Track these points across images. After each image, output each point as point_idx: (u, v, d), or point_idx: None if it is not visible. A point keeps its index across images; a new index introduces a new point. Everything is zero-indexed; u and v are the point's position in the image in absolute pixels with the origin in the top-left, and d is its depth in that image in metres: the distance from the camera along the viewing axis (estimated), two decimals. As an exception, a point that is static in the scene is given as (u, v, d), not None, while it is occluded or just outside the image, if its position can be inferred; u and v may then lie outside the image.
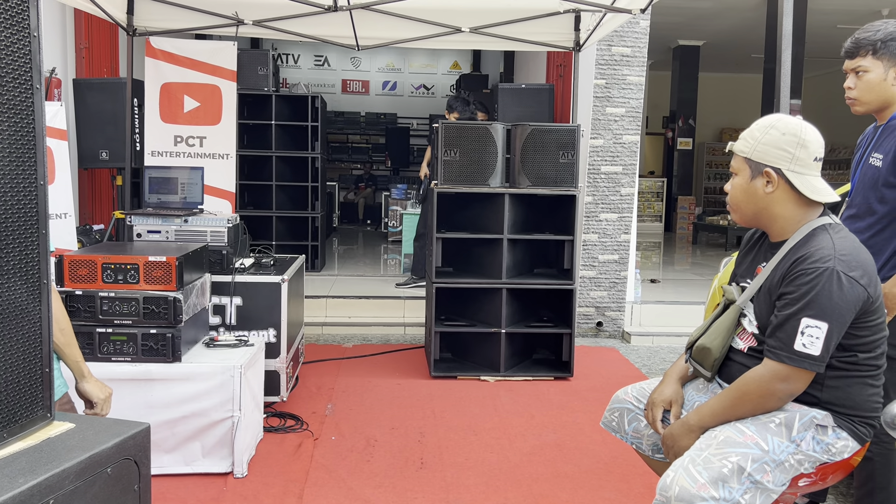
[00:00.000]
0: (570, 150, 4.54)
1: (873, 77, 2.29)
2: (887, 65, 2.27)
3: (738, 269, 2.09)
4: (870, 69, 2.30)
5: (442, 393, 4.37)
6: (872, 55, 2.28)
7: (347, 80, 16.18)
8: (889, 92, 2.30)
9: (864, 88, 2.32)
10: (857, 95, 2.35)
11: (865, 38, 2.30)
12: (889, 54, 2.26)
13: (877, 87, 2.30)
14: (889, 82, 2.28)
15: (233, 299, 3.75)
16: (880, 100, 2.32)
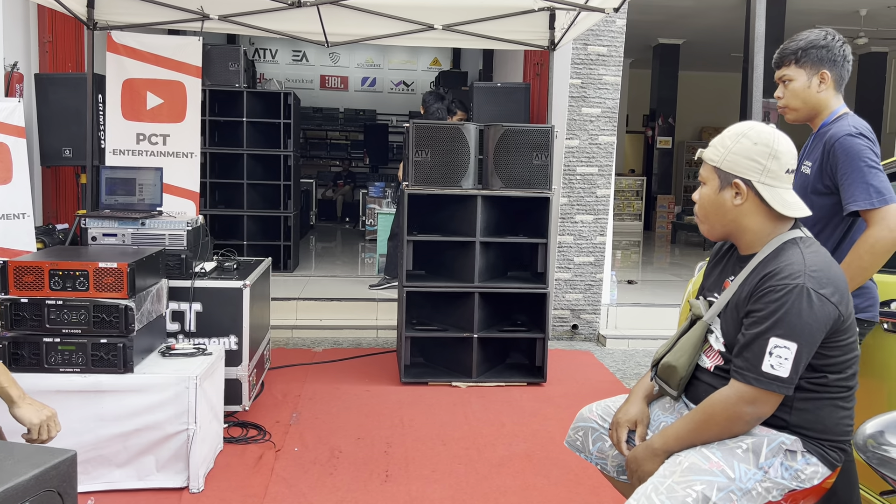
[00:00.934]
0: (543, 151, 4.44)
1: (798, 85, 2.34)
2: (810, 73, 2.32)
3: (706, 282, 2.00)
4: (794, 78, 2.35)
5: (412, 400, 4.26)
6: (795, 64, 2.33)
7: (326, 75, 16.00)
8: (815, 99, 2.34)
9: (791, 96, 2.37)
10: (785, 104, 2.40)
11: (789, 47, 2.36)
12: (811, 62, 2.31)
13: (802, 95, 2.34)
14: (813, 90, 2.33)
15: (192, 305, 3.61)
16: (807, 107, 2.36)
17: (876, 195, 2.11)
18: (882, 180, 2.14)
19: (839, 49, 2.31)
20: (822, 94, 2.32)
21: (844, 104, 2.38)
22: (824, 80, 2.32)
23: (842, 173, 2.20)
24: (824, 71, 2.31)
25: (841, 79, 2.36)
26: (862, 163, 2.16)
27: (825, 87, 2.32)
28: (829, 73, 2.31)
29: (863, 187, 2.13)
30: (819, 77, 2.31)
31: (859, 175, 2.15)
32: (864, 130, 2.23)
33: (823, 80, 2.32)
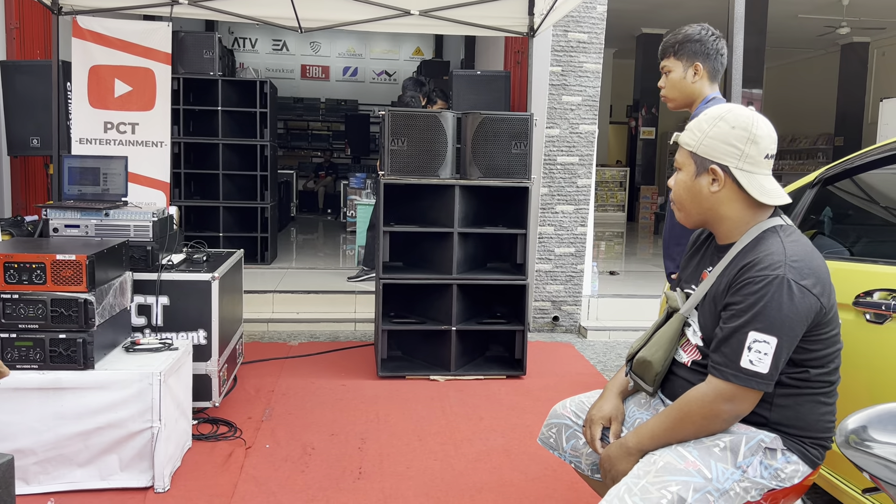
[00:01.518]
0: (522, 140, 4.35)
1: (675, 76, 2.53)
2: (686, 64, 2.50)
3: (683, 274, 1.92)
4: (672, 69, 2.54)
5: (388, 394, 4.17)
6: (673, 56, 2.52)
7: (307, 65, 15.81)
8: (689, 89, 2.52)
9: (670, 86, 2.56)
10: (665, 93, 2.60)
11: (669, 40, 2.55)
12: (686, 55, 2.49)
13: (679, 85, 2.53)
14: (688, 80, 2.51)
15: (159, 299, 3.50)
16: (683, 96, 2.55)
17: None
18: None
19: (713, 43, 2.48)
20: (696, 84, 2.51)
21: (718, 93, 2.55)
22: (698, 72, 2.50)
23: None
24: (698, 63, 2.49)
25: (714, 71, 2.53)
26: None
27: (699, 78, 2.50)
28: (702, 66, 2.49)
29: None
30: (693, 69, 2.49)
31: None
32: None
33: (697, 71, 2.50)
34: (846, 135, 15.90)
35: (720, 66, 2.53)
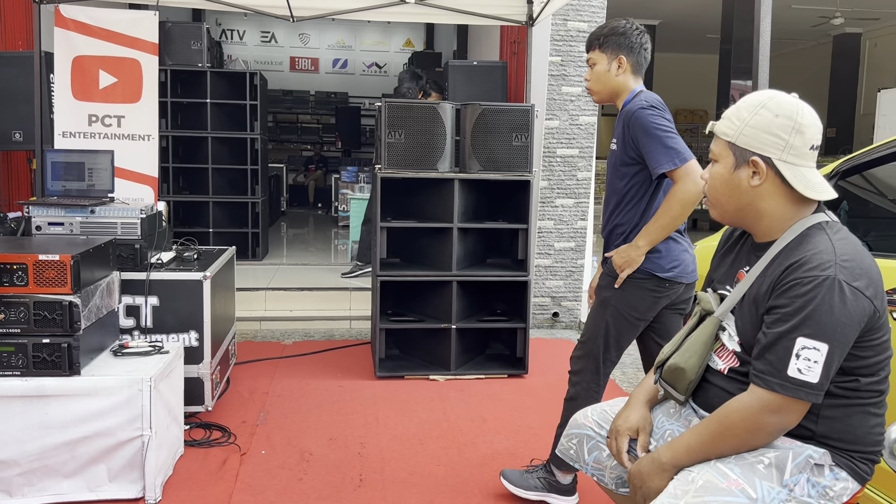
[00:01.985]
0: (523, 132, 4.22)
1: (600, 69, 2.57)
2: (610, 57, 2.54)
3: (715, 273, 1.79)
4: (597, 61, 2.58)
5: (387, 395, 4.03)
6: (598, 49, 2.56)
7: (296, 57, 15.58)
8: (613, 82, 2.55)
9: (595, 79, 2.60)
10: (590, 86, 2.63)
11: (594, 33, 2.59)
12: (610, 48, 2.53)
13: (602, 78, 2.57)
14: (612, 73, 2.54)
15: (148, 299, 3.34)
16: (608, 89, 2.58)
17: (676, 156, 2.34)
18: (678, 142, 2.36)
19: (637, 37, 2.52)
20: (619, 77, 2.54)
21: (642, 85, 2.57)
22: (622, 65, 2.53)
23: (643, 144, 2.41)
24: (622, 56, 2.52)
25: (638, 64, 2.56)
26: (657, 130, 2.37)
27: (623, 71, 2.53)
28: (626, 59, 2.52)
29: (664, 151, 2.35)
30: (618, 62, 2.53)
31: (658, 141, 2.36)
32: (653, 102, 2.43)
33: (621, 64, 2.53)
34: (838, 126, 15.87)
35: (644, 61, 2.57)
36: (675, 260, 2.50)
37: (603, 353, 2.61)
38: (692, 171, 2.34)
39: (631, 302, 2.52)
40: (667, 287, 2.51)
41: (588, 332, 2.65)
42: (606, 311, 2.58)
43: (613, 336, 2.58)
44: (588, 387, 2.65)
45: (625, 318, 2.55)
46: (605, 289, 2.60)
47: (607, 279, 2.60)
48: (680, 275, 2.51)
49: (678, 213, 2.37)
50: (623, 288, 2.52)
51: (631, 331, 2.60)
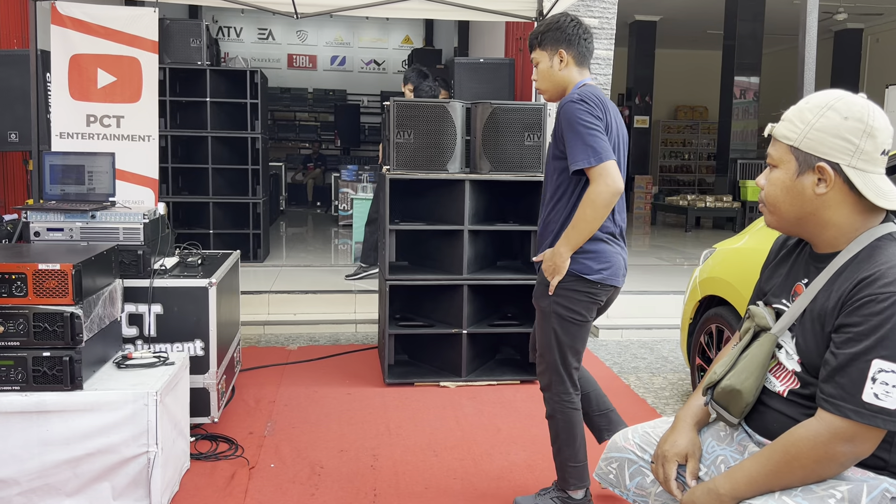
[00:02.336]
0: (536, 131, 4.10)
1: (543, 66, 2.55)
2: (550, 53, 2.52)
3: (768, 285, 1.67)
4: (540, 60, 2.56)
5: (398, 403, 3.92)
6: (539, 48, 2.55)
7: (293, 54, 15.44)
8: (558, 77, 2.53)
9: (541, 78, 2.58)
10: (539, 85, 2.60)
11: (531, 34, 2.58)
12: (549, 44, 2.51)
13: (547, 75, 2.55)
14: (556, 68, 2.52)
15: (151, 307, 3.22)
16: (555, 85, 2.56)
17: (593, 154, 2.31)
18: (599, 141, 2.32)
19: (573, 29, 2.49)
20: (563, 72, 2.51)
21: (588, 78, 2.55)
22: (563, 59, 2.50)
23: (567, 138, 2.39)
24: (561, 50, 2.49)
25: (581, 55, 2.53)
26: (580, 126, 2.33)
27: (565, 65, 2.51)
28: (566, 52, 2.50)
29: (582, 147, 2.32)
30: (558, 56, 2.50)
31: (579, 137, 2.33)
32: (586, 97, 2.38)
33: (562, 58, 2.50)
34: (840, 122, 15.76)
35: (586, 51, 2.54)
36: (605, 262, 2.49)
37: (562, 363, 2.57)
38: (607, 173, 2.32)
39: (569, 306, 2.51)
40: (599, 289, 2.50)
41: (542, 345, 2.61)
42: (551, 321, 2.55)
43: (567, 343, 2.55)
44: (561, 399, 2.60)
45: (571, 323, 2.53)
46: (541, 298, 2.58)
47: (542, 287, 2.57)
48: (610, 277, 2.51)
49: (591, 216, 2.36)
50: (558, 294, 2.50)
51: (581, 332, 2.57)
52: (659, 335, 5.39)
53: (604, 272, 2.48)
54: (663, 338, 5.39)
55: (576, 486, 2.65)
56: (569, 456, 2.61)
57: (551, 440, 2.66)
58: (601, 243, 2.48)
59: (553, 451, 2.67)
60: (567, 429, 2.60)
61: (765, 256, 1.73)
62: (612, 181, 2.31)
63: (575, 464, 2.62)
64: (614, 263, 2.51)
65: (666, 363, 4.79)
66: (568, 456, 2.62)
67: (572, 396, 2.61)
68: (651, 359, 4.87)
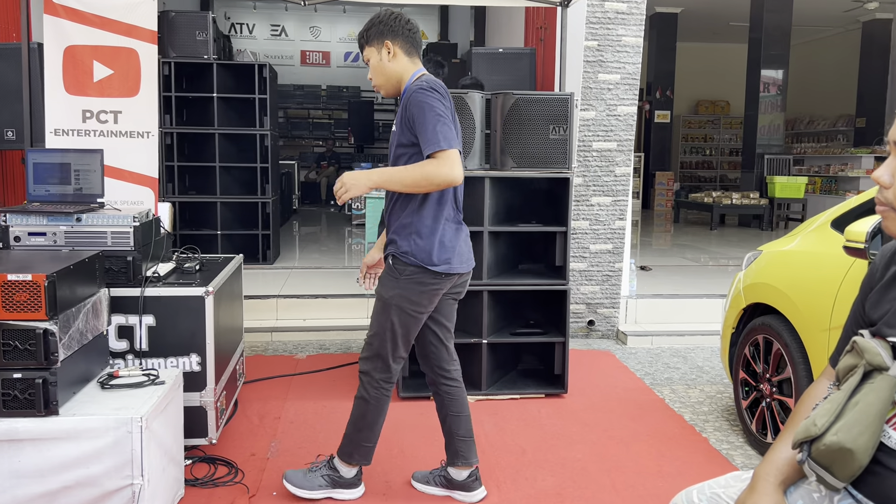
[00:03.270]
0: (562, 123, 3.78)
1: (374, 62, 2.59)
2: (378, 48, 2.56)
3: (876, 312, 1.34)
4: (370, 56, 2.60)
5: (412, 420, 3.61)
6: (367, 45, 2.58)
7: (307, 51, 15.18)
8: (390, 69, 2.57)
9: (374, 74, 2.60)
10: (374, 82, 2.63)
11: (359, 35, 2.62)
12: (375, 39, 2.55)
13: (379, 69, 2.58)
14: (386, 61, 2.56)
15: (142, 319, 2.93)
16: (387, 78, 2.59)
17: (443, 139, 2.37)
18: (447, 129, 2.39)
19: (394, 21, 2.54)
20: (393, 63, 2.55)
21: (423, 68, 2.60)
22: (391, 50, 2.54)
23: (417, 124, 2.43)
24: (387, 41, 2.53)
25: (409, 45, 2.57)
26: (432, 112, 2.39)
27: (393, 56, 2.55)
28: (391, 43, 2.53)
29: (432, 133, 2.38)
30: (385, 48, 2.54)
31: (430, 124, 2.38)
32: (434, 86, 2.46)
33: (389, 49, 2.54)
34: (868, 116, 15.29)
35: (413, 41, 2.58)
36: (447, 251, 2.56)
37: (392, 352, 2.64)
38: (453, 160, 2.37)
39: (411, 298, 2.55)
40: (442, 278, 2.56)
41: (375, 333, 2.65)
42: (390, 311, 2.58)
43: (401, 334, 2.61)
44: (380, 385, 2.67)
45: (409, 315, 2.58)
46: (386, 288, 2.60)
47: (388, 280, 2.59)
48: (454, 267, 2.58)
49: (418, 178, 2.39)
50: (401, 286, 2.54)
51: (416, 325, 2.63)
52: (692, 342, 5.05)
53: (447, 262, 2.56)
54: (697, 345, 5.05)
55: (357, 462, 2.76)
56: (367, 437, 2.72)
57: (354, 418, 2.72)
58: (443, 233, 2.56)
59: (350, 427, 2.73)
60: (375, 413, 2.69)
61: (820, 260, 1.41)
62: (453, 168, 2.37)
63: (368, 444, 2.74)
64: (458, 251, 2.60)
65: (702, 373, 4.45)
66: (366, 437, 2.72)
67: (391, 384, 2.70)
68: (685, 369, 4.53)
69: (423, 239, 2.52)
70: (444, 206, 2.57)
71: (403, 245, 2.54)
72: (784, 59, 11.46)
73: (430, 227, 2.53)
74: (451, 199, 2.61)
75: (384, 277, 2.62)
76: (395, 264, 2.56)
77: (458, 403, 2.83)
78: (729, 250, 8.37)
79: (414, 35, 2.58)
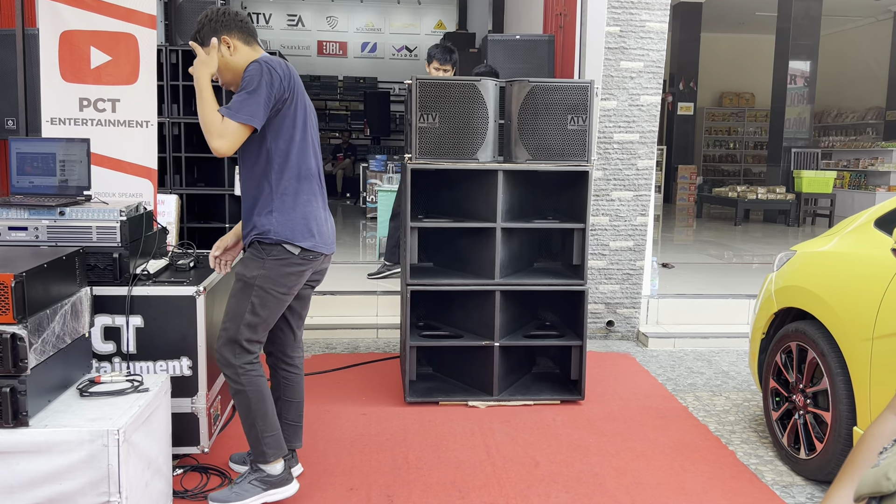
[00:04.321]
0: (581, 113, 3.55)
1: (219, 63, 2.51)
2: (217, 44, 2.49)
3: None
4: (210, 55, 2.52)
5: (419, 427, 3.41)
6: (202, 47, 2.49)
7: (324, 41, 15.00)
8: (234, 62, 2.50)
9: (221, 72, 2.53)
10: (223, 80, 2.56)
11: (190, 40, 2.55)
12: (208, 36, 2.48)
13: (223, 65, 2.50)
14: (228, 55, 2.49)
15: (130, 319, 2.75)
16: (235, 74, 2.51)
17: (236, 110, 2.33)
18: (250, 103, 2.34)
19: (221, 15, 2.49)
20: (235, 56, 2.49)
21: (264, 53, 2.54)
22: (229, 43, 2.48)
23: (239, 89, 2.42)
24: (223, 36, 2.48)
25: (244, 34, 2.52)
26: (248, 84, 2.36)
27: (234, 49, 2.49)
28: (228, 37, 2.48)
29: (235, 101, 2.35)
30: (223, 42, 2.48)
31: (241, 91, 2.37)
32: (272, 63, 2.41)
33: (227, 43, 2.48)
34: (899, 108, 14.84)
35: (248, 29, 2.53)
36: (309, 229, 2.50)
37: (249, 335, 2.50)
38: (226, 130, 2.33)
39: (277, 279, 2.48)
40: (310, 259, 2.53)
41: (232, 317, 2.50)
42: (251, 293, 2.47)
43: (262, 317, 2.50)
44: (247, 371, 2.51)
45: (272, 296, 2.49)
46: (249, 268, 2.49)
47: (252, 261, 2.49)
48: (319, 245, 2.54)
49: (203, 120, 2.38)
50: (266, 266, 2.46)
51: (279, 309, 2.54)
52: (716, 345, 4.80)
53: (312, 239, 2.51)
54: (721, 348, 4.80)
55: (274, 456, 2.58)
56: (264, 427, 2.54)
57: (242, 416, 2.56)
58: (305, 209, 2.50)
59: (245, 427, 2.57)
60: (258, 400, 2.53)
61: (863, 263, 1.19)
62: (221, 139, 2.33)
63: (272, 433, 2.56)
64: (321, 231, 2.56)
65: (727, 379, 4.21)
66: (263, 427, 2.54)
67: (256, 365, 2.54)
68: (710, 374, 4.29)
69: (283, 214, 2.46)
70: (305, 181, 2.52)
71: (264, 223, 2.46)
72: (813, 49, 11.09)
73: (290, 203, 2.47)
74: (313, 175, 2.56)
75: (247, 259, 2.52)
76: (260, 247, 2.48)
77: (292, 390, 2.79)
78: (754, 247, 8.08)
79: (246, 24, 2.55)
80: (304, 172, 2.51)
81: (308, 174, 2.54)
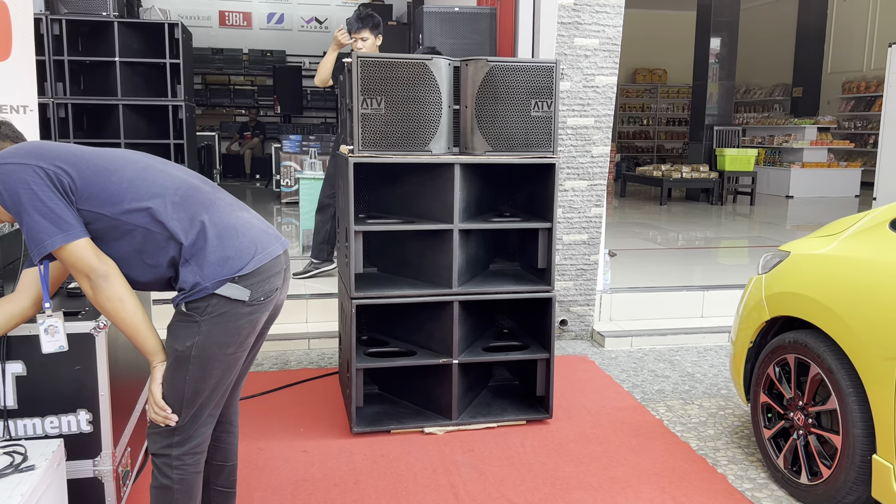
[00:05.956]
0: (545, 97, 3.12)
1: None
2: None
3: None
4: None
5: (371, 466, 2.93)
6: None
7: (225, 11, 13.99)
8: None
9: None
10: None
11: None
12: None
13: None
14: None
15: (6, 367, 2.15)
16: None
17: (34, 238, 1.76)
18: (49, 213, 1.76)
19: None
20: None
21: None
22: None
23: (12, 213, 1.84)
24: None
25: None
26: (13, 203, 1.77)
27: None
28: None
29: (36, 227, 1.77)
30: None
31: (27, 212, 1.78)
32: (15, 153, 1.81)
33: None
34: (805, 85, 15.24)
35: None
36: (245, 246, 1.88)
37: (194, 420, 1.89)
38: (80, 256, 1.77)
39: (221, 340, 1.85)
40: (260, 301, 1.88)
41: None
42: (188, 367, 1.84)
43: (210, 388, 1.88)
44: (185, 463, 1.90)
45: (220, 361, 1.86)
46: (180, 339, 1.84)
47: (183, 328, 1.84)
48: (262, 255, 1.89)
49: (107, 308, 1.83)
50: (202, 330, 1.82)
51: (234, 367, 1.91)
52: (675, 342, 4.53)
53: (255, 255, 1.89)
54: (680, 345, 4.53)
55: None
56: None
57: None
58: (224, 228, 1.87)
59: None
60: (186, 499, 1.93)
61: (882, 270, 0.86)
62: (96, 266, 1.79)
63: None
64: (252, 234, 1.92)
65: (695, 383, 3.93)
66: None
67: (198, 457, 1.94)
68: (675, 377, 4.00)
69: (201, 255, 1.82)
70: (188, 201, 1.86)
71: (186, 279, 1.82)
72: (734, 25, 11.09)
73: (200, 235, 1.83)
74: (188, 186, 1.91)
75: (174, 326, 1.87)
76: (187, 310, 1.83)
77: (224, 452, 2.20)
78: (688, 229, 7.95)
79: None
80: (178, 198, 1.86)
81: (183, 194, 1.88)
